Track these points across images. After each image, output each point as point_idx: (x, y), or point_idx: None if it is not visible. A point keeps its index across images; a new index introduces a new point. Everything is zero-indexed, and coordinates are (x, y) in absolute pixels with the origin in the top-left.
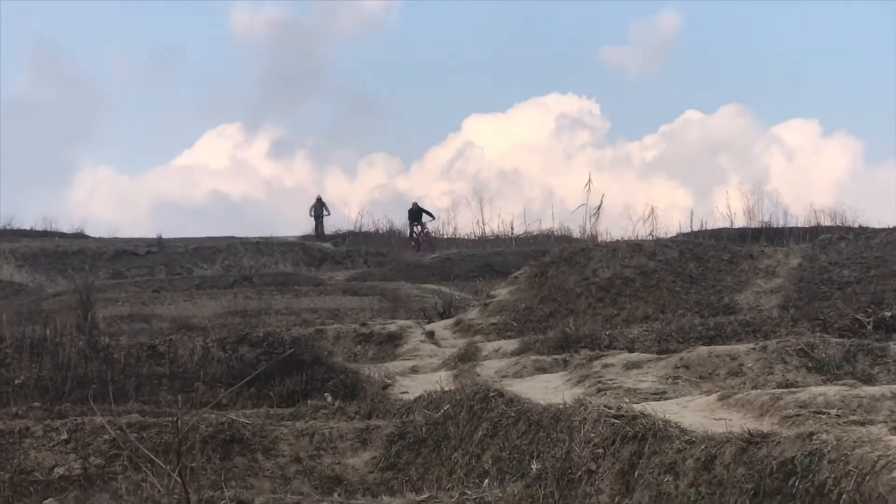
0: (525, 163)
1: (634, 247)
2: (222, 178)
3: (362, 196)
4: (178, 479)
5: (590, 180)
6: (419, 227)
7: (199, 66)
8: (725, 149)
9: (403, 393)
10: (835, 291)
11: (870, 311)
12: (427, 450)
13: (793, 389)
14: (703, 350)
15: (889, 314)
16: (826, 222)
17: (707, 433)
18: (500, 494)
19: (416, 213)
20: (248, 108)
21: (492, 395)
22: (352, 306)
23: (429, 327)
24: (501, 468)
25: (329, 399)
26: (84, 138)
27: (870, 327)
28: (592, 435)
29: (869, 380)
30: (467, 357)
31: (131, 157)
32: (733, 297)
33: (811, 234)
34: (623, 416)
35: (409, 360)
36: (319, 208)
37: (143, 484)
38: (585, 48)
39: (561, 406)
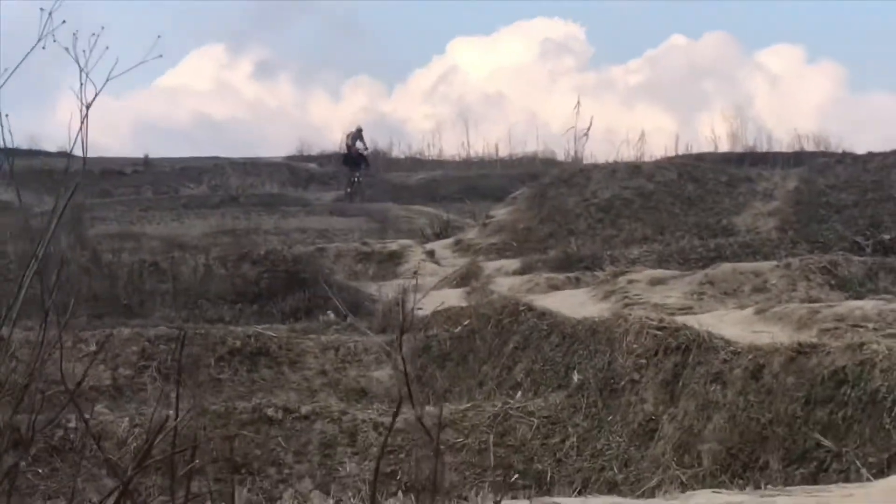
0: (509, 86)
1: (633, 168)
2: (206, 99)
3: (346, 118)
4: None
5: (578, 103)
6: (357, 177)
7: None
8: (710, 74)
9: (418, 309)
10: (832, 214)
11: (868, 233)
12: (451, 363)
13: (830, 303)
14: (727, 267)
15: (888, 237)
16: (810, 148)
17: (753, 344)
18: (543, 403)
19: (354, 161)
20: (233, 29)
21: (521, 308)
22: (340, 227)
23: (428, 246)
24: (535, 380)
25: (332, 316)
26: (68, 58)
27: (868, 250)
28: (635, 346)
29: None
30: (469, 276)
31: (115, 76)
32: (731, 219)
33: (795, 160)
34: (666, 327)
35: (409, 278)
36: (356, 139)
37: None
38: None
39: (597, 319)
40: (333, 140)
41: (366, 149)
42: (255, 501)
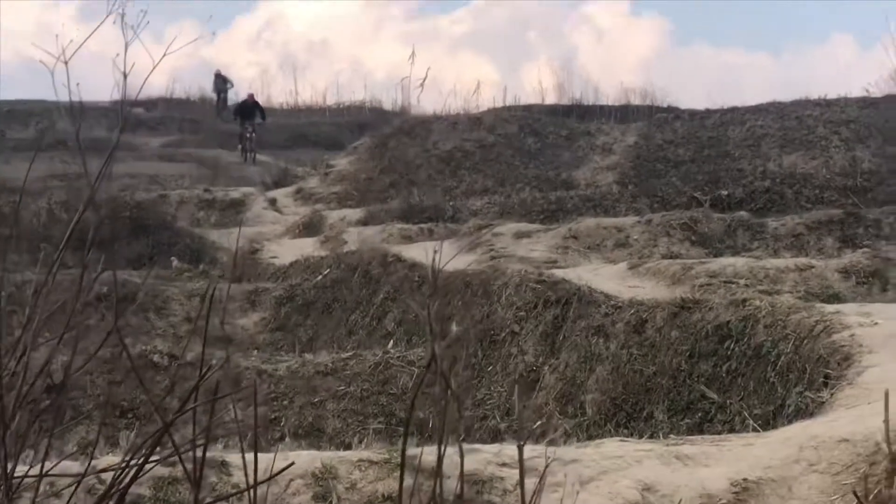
0: (334, 34)
1: (475, 120)
2: (26, 41)
3: (169, 63)
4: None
5: (413, 53)
6: (250, 130)
7: None
8: (535, 25)
9: (273, 258)
10: (670, 170)
11: (706, 189)
12: (316, 312)
13: (703, 260)
14: (591, 221)
15: (725, 193)
16: (636, 101)
17: (634, 299)
18: (423, 353)
19: (249, 110)
20: None
21: (390, 259)
22: (171, 172)
23: (270, 195)
24: (407, 330)
25: (175, 263)
26: None
27: (707, 205)
28: (515, 299)
29: (748, 253)
30: (312, 224)
31: None
32: (571, 172)
33: (621, 113)
34: (545, 281)
35: (252, 226)
36: (222, 83)
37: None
38: None
39: (471, 271)
40: (158, 84)
41: (231, 86)
42: (138, 445)
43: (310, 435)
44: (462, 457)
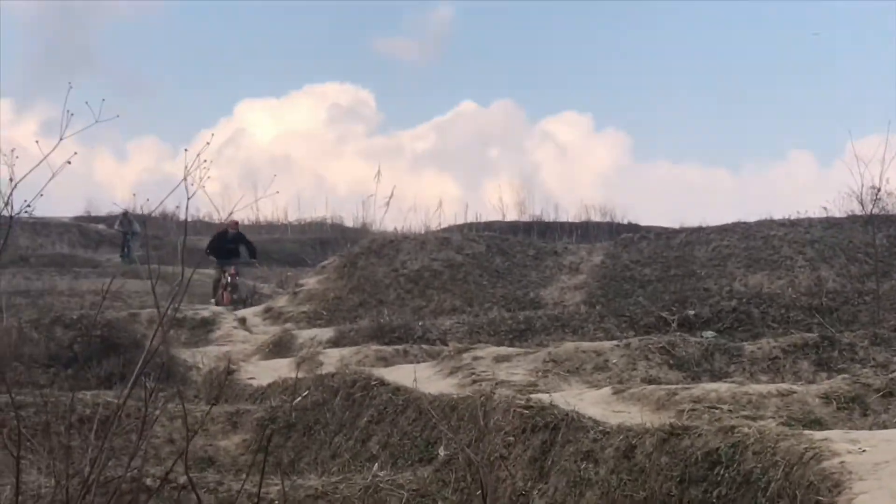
0: (297, 150)
1: (443, 240)
2: None
3: (131, 179)
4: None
5: (379, 172)
6: (230, 272)
7: None
8: (497, 142)
9: (251, 378)
10: (637, 289)
11: (674, 309)
12: (297, 434)
13: (686, 385)
14: (570, 345)
15: (692, 313)
16: (596, 218)
17: (623, 425)
18: (412, 477)
19: (227, 245)
20: (18, 86)
21: (374, 383)
22: (135, 289)
23: (240, 313)
24: (392, 453)
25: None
26: None
27: (674, 325)
28: (503, 423)
29: (725, 377)
30: (282, 344)
31: None
32: (538, 292)
33: (582, 229)
34: (533, 406)
35: (222, 345)
36: (128, 224)
37: (23, 461)
38: (361, 37)
39: (457, 395)
40: (121, 199)
41: (137, 229)
42: None
43: None
44: None
